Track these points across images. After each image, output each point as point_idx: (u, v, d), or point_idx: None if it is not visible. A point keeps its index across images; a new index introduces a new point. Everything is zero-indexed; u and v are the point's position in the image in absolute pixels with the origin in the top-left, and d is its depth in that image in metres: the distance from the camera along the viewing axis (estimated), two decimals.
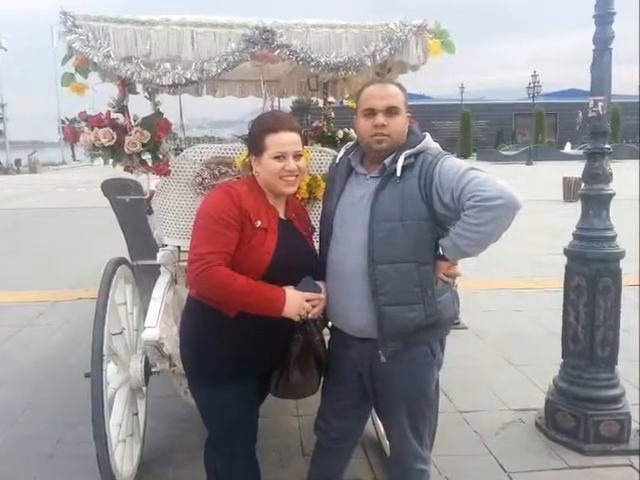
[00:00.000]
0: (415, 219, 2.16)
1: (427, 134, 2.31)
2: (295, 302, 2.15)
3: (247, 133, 2.40)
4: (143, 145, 2.77)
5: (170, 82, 2.66)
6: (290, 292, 2.16)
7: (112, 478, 2.67)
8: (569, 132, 54.52)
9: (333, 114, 4.57)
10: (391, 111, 2.20)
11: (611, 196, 3.41)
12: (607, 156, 3.40)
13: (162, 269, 3.03)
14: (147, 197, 3.34)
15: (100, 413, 2.58)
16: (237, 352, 2.23)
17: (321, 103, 4.54)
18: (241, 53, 2.65)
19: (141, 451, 3.25)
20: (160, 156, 2.86)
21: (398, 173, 2.17)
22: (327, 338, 2.51)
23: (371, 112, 2.21)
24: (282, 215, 2.32)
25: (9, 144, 40.10)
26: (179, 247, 3.02)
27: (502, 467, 3.25)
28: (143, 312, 3.11)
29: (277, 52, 2.68)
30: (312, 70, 2.80)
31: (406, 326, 2.19)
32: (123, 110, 2.84)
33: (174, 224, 2.99)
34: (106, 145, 2.74)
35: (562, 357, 3.62)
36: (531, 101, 46.99)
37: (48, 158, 47.50)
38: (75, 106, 2.99)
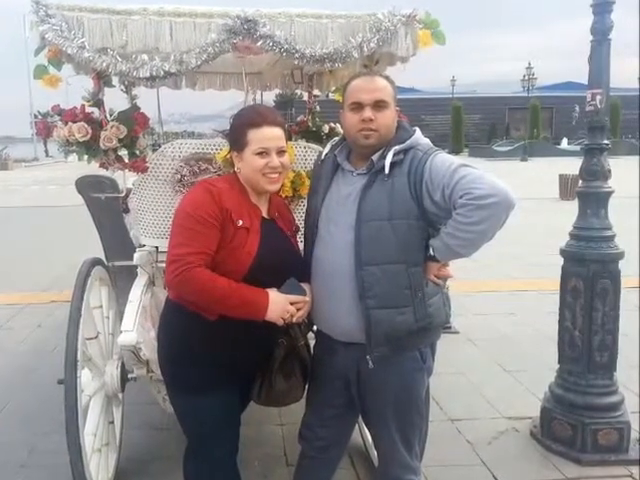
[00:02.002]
0: (404, 218, 2.12)
1: (417, 129, 2.28)
2: (279, 305, 2.11)
3: (228, 128, 2.36)
4: (119, 140, 2.76)
5: (147, 74, 2.65)
6: (273, 294, 2.12)
7: None
8: (566, 127, 54.66)
9: (318, 108, 4.53)
10: (379, 105, 2.16)
11: (609, 194, 3.37)
12: (605, 152, 3.35)
13: (139, 270, 3.00)
14: (123, 195, 3.33)
15: (74, 421, 2.55)
16: (217, 357, 2.20)
17: (306, 96, 4.49)
18: (222, 44, 2.63)
19: (117, 461, 3.20)
20: (137, 152, 2.86)
21: (386, 170, 2.14)
22: (312, 343, 2.47)
23: (358, 106, 2.18)
24: (265, 214, 2.28)
25: None
26: (157, 247, 2.99)
27: (495, 478, 3.20)
28: (119, 315, 3.09)
29: (260, 43, 2.66)
30: (296, 62, 2.78)
31: (395, 330, 2.15)
32: (98, 104, 2.83)
33: (152, 223, 2.96)
34: (80, 140, 2.73)
35: (558, 363, 3.57)
36: (526, 94, 46.87)
37: (20, 154, 46.91)
38: (48, 99, 2.98)
